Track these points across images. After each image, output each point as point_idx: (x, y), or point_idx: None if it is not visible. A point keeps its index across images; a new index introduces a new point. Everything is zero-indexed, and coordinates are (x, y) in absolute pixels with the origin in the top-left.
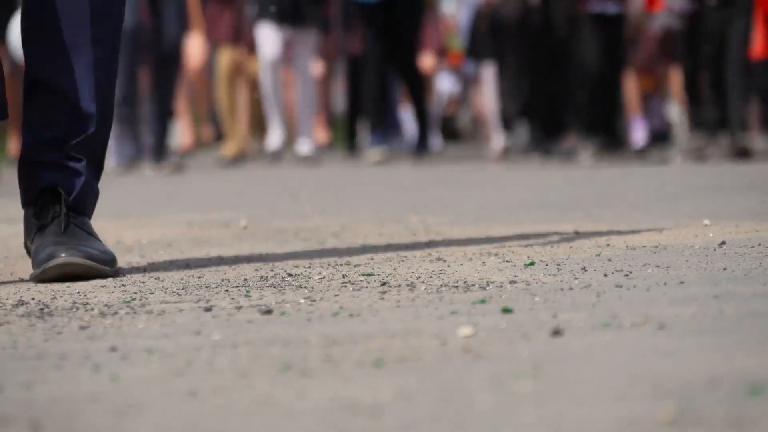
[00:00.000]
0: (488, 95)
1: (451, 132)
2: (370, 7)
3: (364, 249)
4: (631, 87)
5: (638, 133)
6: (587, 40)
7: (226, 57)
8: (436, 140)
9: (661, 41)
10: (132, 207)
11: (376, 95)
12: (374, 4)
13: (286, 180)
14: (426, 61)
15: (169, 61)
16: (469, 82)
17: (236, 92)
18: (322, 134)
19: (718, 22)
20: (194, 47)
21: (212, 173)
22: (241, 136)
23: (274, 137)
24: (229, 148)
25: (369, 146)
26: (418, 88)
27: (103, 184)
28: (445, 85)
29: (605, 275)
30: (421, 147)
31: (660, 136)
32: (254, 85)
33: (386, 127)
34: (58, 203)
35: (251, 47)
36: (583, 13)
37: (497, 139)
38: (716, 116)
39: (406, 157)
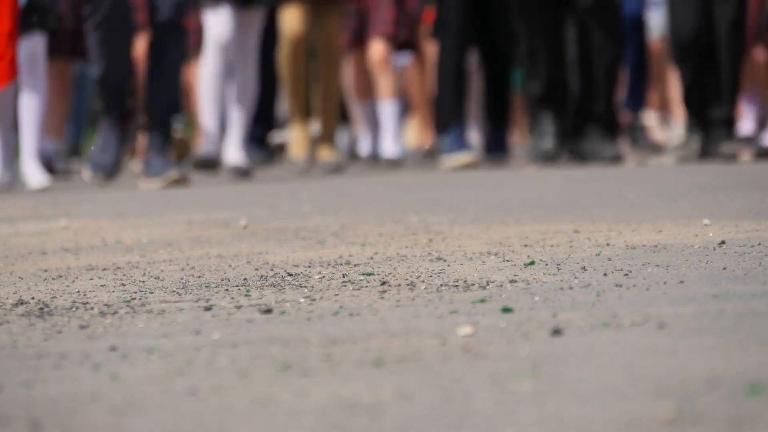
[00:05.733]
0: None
1: None
2: None
3: (364, 249)
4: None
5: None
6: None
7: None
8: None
9: None
10: (132, 207)
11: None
12: None
13: (286, 180)
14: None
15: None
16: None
17: None
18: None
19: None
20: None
21: (212, 173)
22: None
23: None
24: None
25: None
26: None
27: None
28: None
29: (605, 275)
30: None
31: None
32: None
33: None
34: None
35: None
36: None
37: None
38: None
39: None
